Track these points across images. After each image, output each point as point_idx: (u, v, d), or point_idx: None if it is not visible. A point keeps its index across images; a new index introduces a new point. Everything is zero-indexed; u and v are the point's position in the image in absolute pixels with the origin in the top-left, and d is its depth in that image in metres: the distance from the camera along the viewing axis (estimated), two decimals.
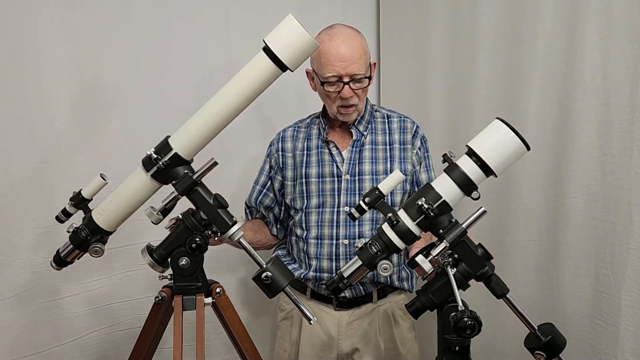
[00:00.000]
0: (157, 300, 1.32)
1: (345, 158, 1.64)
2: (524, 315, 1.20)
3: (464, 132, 1.96)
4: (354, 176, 1.63)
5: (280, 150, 1.72)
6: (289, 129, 1.75)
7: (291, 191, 1.69)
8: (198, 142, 1.28)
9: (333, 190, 1.63)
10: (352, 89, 1.53)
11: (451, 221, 1.19)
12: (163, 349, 1.49)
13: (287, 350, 1.75)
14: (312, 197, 1.65)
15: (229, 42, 2.02)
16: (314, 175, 1.65)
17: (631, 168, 1.43)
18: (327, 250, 1.63)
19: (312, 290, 1.69)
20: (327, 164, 1.64)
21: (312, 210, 1.64)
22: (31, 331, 1.72)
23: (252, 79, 1.23)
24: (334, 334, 1.67)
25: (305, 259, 1.66)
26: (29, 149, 1.68)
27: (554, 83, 1.64)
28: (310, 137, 1.70)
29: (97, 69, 1.77)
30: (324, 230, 1.63)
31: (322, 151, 1.66)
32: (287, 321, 1.76)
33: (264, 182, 1.75)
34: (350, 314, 1.67)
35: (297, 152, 1.69)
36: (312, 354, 1.69)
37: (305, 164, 1.67)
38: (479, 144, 1.16)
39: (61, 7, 1.69)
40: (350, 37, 1.54)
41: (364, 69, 1.53)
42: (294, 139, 1.71)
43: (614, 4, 1.46)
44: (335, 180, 1.63)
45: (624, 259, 1.46)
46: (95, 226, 1.35)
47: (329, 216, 1.63)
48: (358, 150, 1.64)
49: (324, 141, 1.66)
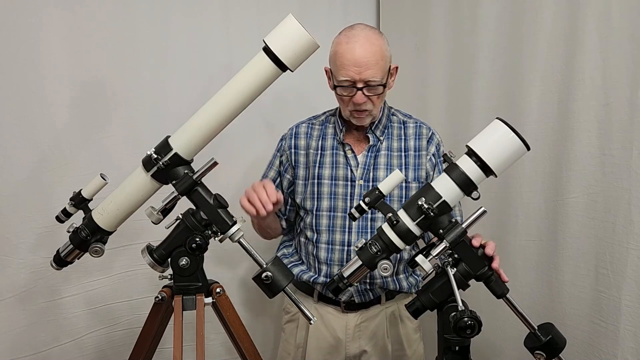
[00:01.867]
0: (157, 300, 1.32)
1: (360, 162, 1.60)
2: (524, 315, 1.20)
3: (464, 132, 1.96)
4: (367, 182, 1.59)
5: (293, 147, 1.67)
6: (302, 124, 1.69)
7: (302, 190, 1.65)
8: (198, 142, 1.28)
9: (345, 195, 1.60)
10: (365, 94, 1.48)
11: (451, 221, 1.19)
12: (163, 349, 1.49)
13: (292, 353, 1.72)
14: (323, 199, 1.61)
15: (229, 42, 2.02)
16: (327, 177, 1.61)
17: (631, 168, 1.44)
18: (338, 256, 1.60)
19: (319, 293, 1.66)
20: (342, 166, 1.61)
21: (324, 213, 1.61)
22: (31, 331, 1.72)
23: (252, 78, 1.23)
24: (342, 337, 1.65)
25: (315, 263, 1.64)
26: (29, 149, 1.68)
27: (554, 83, 1.64)
28: (325, 136, 1.65)
29: (97, 69, 1.77)
30: (335, 236, 1.60)
31: (337, 152, 1.62)
32: (292, 324, 1.73)
33: (274, 177, 1.70)
34: (358, 316, 1.65)
35: (311, 150, 1.64)
36: (320, 358, 1.66)
37: (319, 164, 1.62)
38: (479, 144, 1.16)
39: (61, 7, 1.69)
40: (369, 40, 1.46)
41: (379, 76, 1.47)
42: (308, 137, 1.66)
43: (614, 4, 1.47)
44: (348, 185, 1.60)
45: (624, 259, 1.46)
46: (95, 226, 1.35)
47: (340, 221, 1.60)
48: (373, 156, 1.60)
49: (340, 143, 1.62)
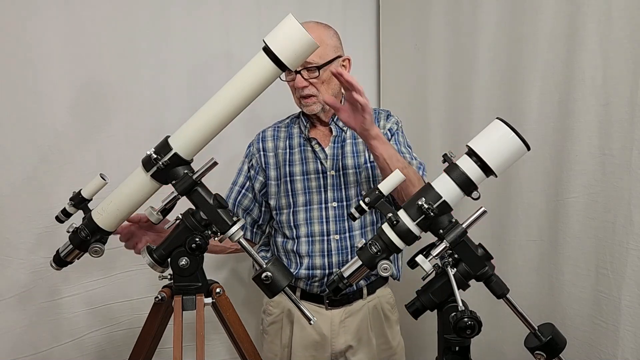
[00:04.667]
0: (157, 301, 1.32)
1: (329, 154, 1.65)
2: (524, 315, 1.19)
3: (464, 132, 1.96)
4: (338, 171, 1.64)
5: (261, 150, 1.70)
6: (268, 129, 1.74)
7: (275, 191, 1.68)
8: (198, 142, 1.28)
9: (319, 187, 1.64)
10: (304, 78, 1.54)
11: (451, 221, 1.19)
12: (163, 349, 1.49)
13: (278, 354, 1.74)
14: (298, 195, 1.65)
15: (229, 42, 2.02)
16: (299, 173, 1.65)
17: (631, 168, 1.43)
18: (319, 247, 1.64)
19: (302, 290, 1.68)
20: (311, 161, 1.65)
21: (300, 208, 1.65)
22: (31, 331, 1.72)
23: (252, 78, 1.22)
24: (327, 333, 1.67)
25: (296, 258, 1.66)
26: (29, 149, 1.68)
27: (554, 83, 1.64)
28: (292, 136, 1.70)
29: (97, 69, 1.77)
30: (314, 228, 1.64)
31: (304, 149, 1.67)
32: (276, 325, 1.75)
33: (243, 183, 1.72)
34: (342, 312, 1.67)
35: (280, 150, 1.69)
36: (306, 355, 1.68)
37: (289, 162, 1.67)
38: (479, 143, 1.16)
39: (61, 6, 1.69)
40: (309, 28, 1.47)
41: (316, 58, 1.51)
42: (275, 139, 1.71)
43: (614, 4, 1.46)
44: (320, 177, 1.65)
45: (624, 259, 1.46)
46: (95, 226, 1.34)
47: (317, 213, 1.64)
48: (340, 146, 1.66)
49: (306, 139, 1.67)
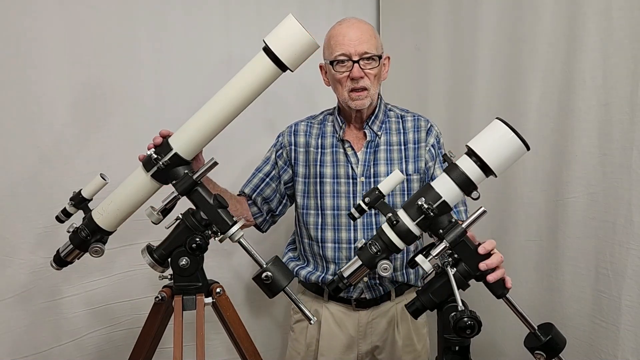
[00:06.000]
0: (157, 300, 1.32)
1: (360, 159, 1.60)
2: (524, 315, 1.20)
3: (464, 132, 1.96)
4: (369, 178, 1.59)
5: (292, 144, 1.67)
6: (301, 123, 1.70)
7: (302, 189, 1.65)
8: (198, 142, 1.28)
9: (348, 193, 1.60)
10: (362, 69, 1.51)
11: (451, 221, 1.19)
12: (163, 349, 1.49)
13: (302, 352, 1.71)
14: (326, 197, 1.61)
15: (229, 42, 2.02)
16: (329, 175, 1.61)
17: (631, 168, 1.43)
18: (345, 254, 1.60)
19: (330, 292, 1.64)
20: (342, 164, 1.61)
21: (328, 212, 1.61)
22: (31, 331, 1.72)
23: (252, 79, 1.23)
24: (354, 334, 1.66)
25: (323, 262, 1.64)
26: (29, 149, 1.68)
27: (554, 83, 1.64)
28: (325, 134, 1.65)
29: (97, 68, 1.77)
30: (341, 235, 1.60)
31: (337, 150, 1.62)
32: (302, 323, 1.72)
33: (268, 171, 1.69)
34: (369, 313, 1.65)
35: (311, 148, 1.65)
36: (333, 356, 1.66)
37: (320, 162, 1.63)
38: (479, 143, 1.16)
39: (61, 6, 1.69)
40: (360, 22, 1.57)
41: (374, 49, 1.52)
42: (307, 135, 1.67)
43: (614, 4, 1.47)
44: (350, 182, 1.60)
45: (624, 259, 1.46)
46: (95, 226, 1.35)
47: (345, 219, 1.59)
48: (373, 152, 1.61)
49: (339, 140, 1.62)
